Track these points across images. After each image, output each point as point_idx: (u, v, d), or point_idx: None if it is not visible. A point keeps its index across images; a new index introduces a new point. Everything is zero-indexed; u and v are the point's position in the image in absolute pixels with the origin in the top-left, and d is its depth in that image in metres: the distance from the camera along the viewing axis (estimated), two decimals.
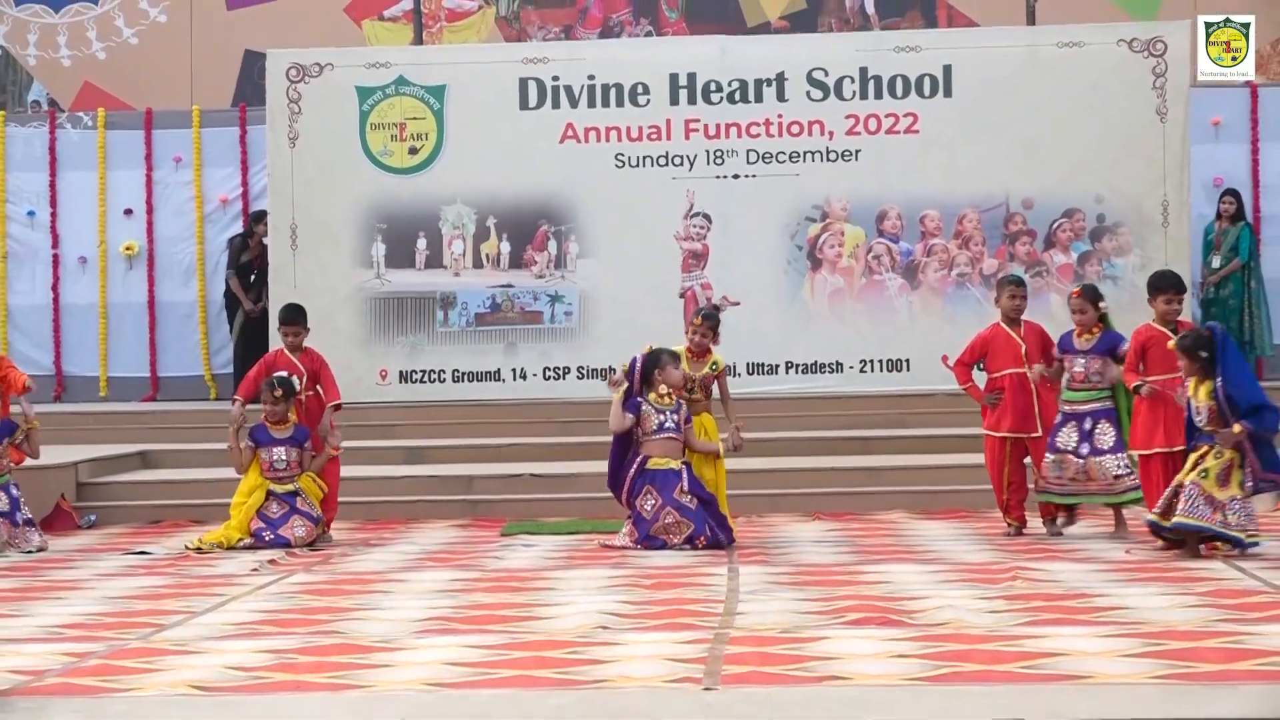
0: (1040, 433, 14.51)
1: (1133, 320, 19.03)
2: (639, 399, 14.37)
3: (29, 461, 15.97)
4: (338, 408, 15.73)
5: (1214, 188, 20.90)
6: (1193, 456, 12.93)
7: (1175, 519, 12.71)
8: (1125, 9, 23.68)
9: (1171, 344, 13.22)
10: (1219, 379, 12.78)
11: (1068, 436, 14.23)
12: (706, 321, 14.85)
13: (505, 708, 7.93)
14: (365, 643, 9.89)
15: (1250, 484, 12.71)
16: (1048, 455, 14.28)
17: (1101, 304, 14.35)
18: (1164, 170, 19.97)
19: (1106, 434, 14.14)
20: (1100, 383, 14.23)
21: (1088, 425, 14.19)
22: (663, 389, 14.38)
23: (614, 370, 14.90)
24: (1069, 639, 9.48)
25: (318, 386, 15.75)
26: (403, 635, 10.17)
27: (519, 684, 8.60)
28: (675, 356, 14.48)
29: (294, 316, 16.06)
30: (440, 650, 9.58)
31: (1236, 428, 12.61)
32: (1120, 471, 14.05)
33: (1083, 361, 14.30)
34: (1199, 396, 12.95)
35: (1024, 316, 15.09)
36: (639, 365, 14.43)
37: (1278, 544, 13.48)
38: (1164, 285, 14.12)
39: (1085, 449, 14.16)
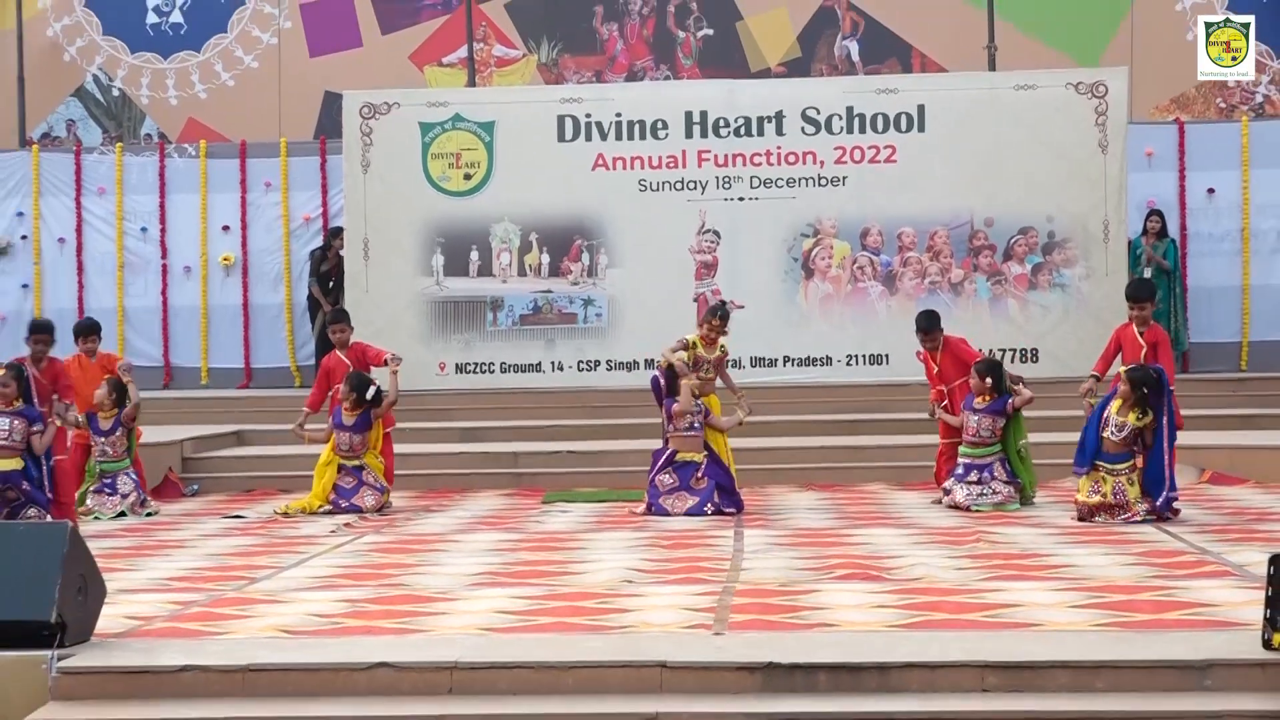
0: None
1: (1082, 320, 19.41)
2: (671, 399, 14.42)
3: (144, 439, 16.04)
4: (397, 359, 15.64)
5: (1148, 209, 20.86)
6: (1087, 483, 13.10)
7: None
8: (1072, 56, 23.60)
9: (1123, 370, 13.23)
10: (1161, 420, 12.98)
11: (976, 475, 14.21)
12: (724, 322, 14.87)
13: (545, 649, 7.93)
14: (426, 593, 9.91)
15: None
16: (956, 485, 14.28)
17: (988, 379, 14.30)
18: (1105, 194, 19.92)
19: (1000, 476, 14.18)
20: (990, 439, 14.25)
21: (987, 474, 14.19)
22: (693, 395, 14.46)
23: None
24: (1024, 592, 9.48)
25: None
26: (458, 587, 10.18)
27: (557, 629, 8.60)
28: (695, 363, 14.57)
29: (339, 317, 16.29)
30: (490, 600, 9.59)
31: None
32: (1008, 496, 14.13)
33: (976, 419, 14.28)
34: (1127, 417, 12.96)
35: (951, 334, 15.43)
36: (663, 380, 14.55)
37: (1199, 511, 13.48)
38: (1130, 294, 14.58)
39: (987, 476, 14.16)
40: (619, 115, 20.65)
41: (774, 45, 25.13)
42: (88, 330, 16.15)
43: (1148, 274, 20.33)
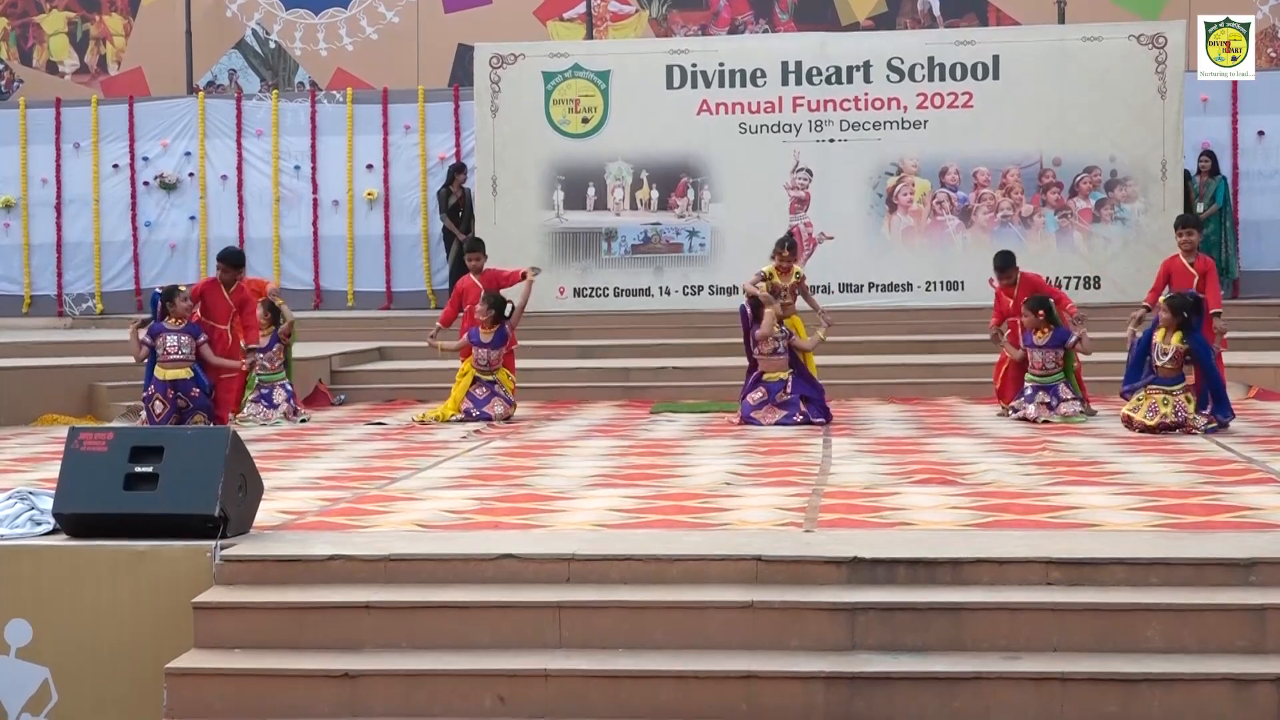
0: None
1: (1140, 251, 19.20)
2: (758, 326, 14.29)
3: (298, 353, 16.15)
4: (536, 270, 15.71)
5: (1201, 149, 20.62)
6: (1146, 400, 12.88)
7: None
8: (1135, 11, 23.27)
9: (1163, 299, 13.07)
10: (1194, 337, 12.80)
11: (1044, 395, 14.02)
12: (792, 252, 14.79)
13: (652, 543, 7.94)
14: (547, 493, 9.94)
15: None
16: (1027, 404, 14.07)
17: (1039, 312, 14.08)
18: (1163, 136, 19.71)
19: (1066, 395, 14.02)
20: (1054, 369, 14.07)
21: (1054, 395, 14.02)
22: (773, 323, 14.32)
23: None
24: (1085, 496, 9.40)
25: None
26: (575, 488, 10.20)
27: (663, 526, 8.62)
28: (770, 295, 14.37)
29: (474, 246, 16.28)
30: (603, 499, 9.61)
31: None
32: (1074, 410, 13.95)
33: (1040, 354, 14.10)
34: (1170, 341, 12.79)
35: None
36: (749, 309, 14.37)
37: (1245, 424, 13.30)
38: (1178, 224, 14.46)
39: (1054, 397, 14.01)
40: (721, 65, 20.57)
41: (862, 1, 24.90)
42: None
43: (1199, 209, 20.14)
